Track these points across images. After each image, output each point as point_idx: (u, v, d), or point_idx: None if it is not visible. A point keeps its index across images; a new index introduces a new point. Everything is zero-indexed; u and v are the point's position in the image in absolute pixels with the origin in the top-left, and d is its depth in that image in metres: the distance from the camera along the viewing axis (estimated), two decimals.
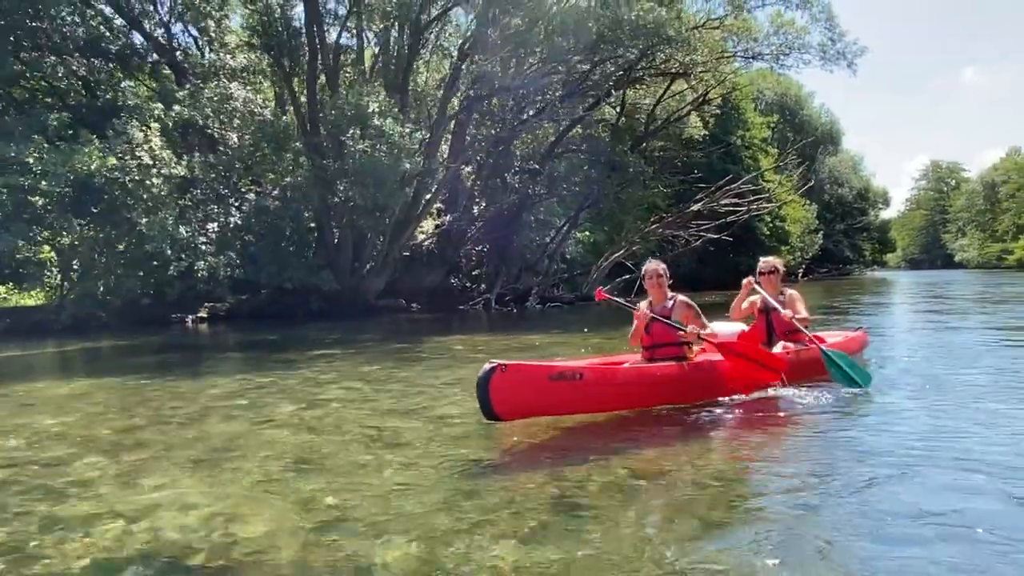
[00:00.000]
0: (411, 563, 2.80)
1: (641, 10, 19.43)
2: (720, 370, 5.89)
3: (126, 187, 16.51)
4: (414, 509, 3.39)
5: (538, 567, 2.76)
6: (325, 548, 2.96)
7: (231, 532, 3.18)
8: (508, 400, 4.81)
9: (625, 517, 3.22)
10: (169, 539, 3.15)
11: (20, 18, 15.78)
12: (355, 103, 17.09)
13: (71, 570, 2.87)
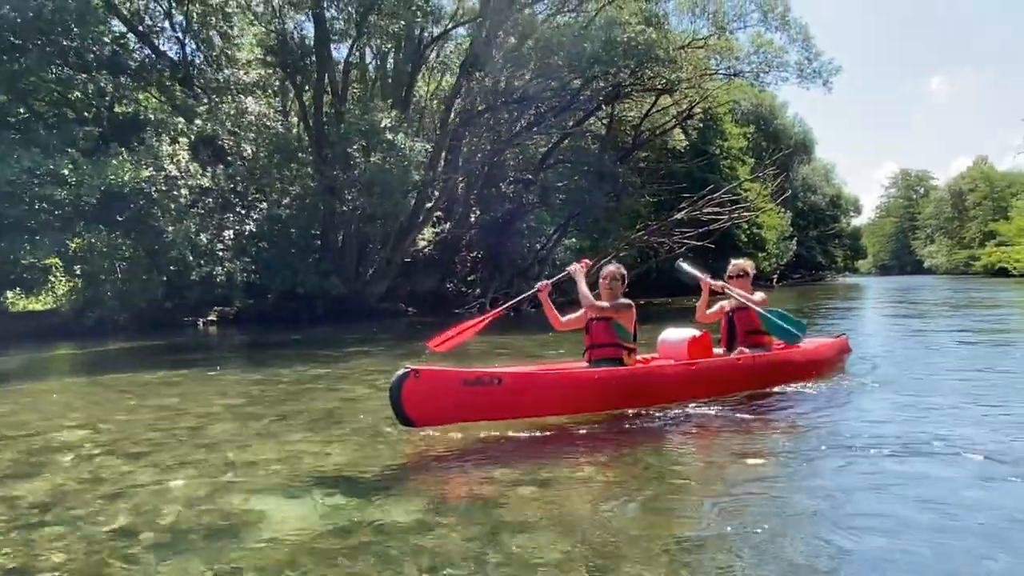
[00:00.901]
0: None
1: (633, 32, 20.78)
2: (659, 376, 5.83)
3: (151, 197, 17.57)
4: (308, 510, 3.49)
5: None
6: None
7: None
8: (421, 406, 4.78)
9: (539, 530, 3.13)
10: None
11: (56, 37, 16.74)
12: (369, 119, 18.20)
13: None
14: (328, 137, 21.55)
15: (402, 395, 4.69)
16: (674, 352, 6.31)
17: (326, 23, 20.63)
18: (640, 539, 3.04)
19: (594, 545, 2.99)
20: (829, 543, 2.94)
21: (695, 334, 6.30)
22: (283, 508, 3.57)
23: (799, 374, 6.62)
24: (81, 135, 17.16)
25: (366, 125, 18.40)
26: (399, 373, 4.71)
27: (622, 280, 6.06)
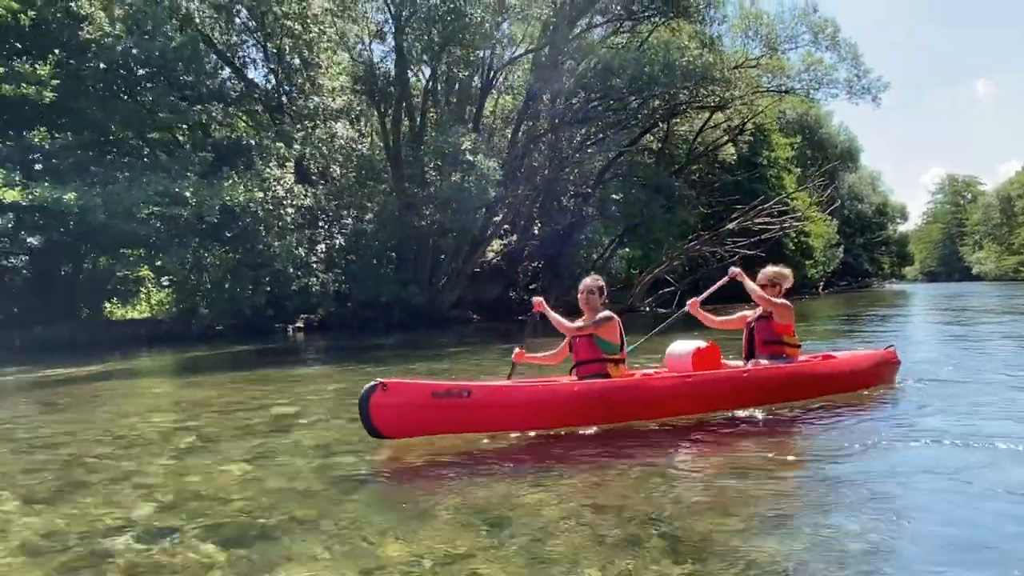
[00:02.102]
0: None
1: (691, 56, 22.28)
2: (646, 389, 5.60)
3: (258, 216, 19.52)
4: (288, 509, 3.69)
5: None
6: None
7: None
8: (390, 418, 4.80)
9: (504, 545, 3.11)
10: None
11: (175, 74, 18.79)
12: (453, 141, 19.95)
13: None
14: (407, 157, 23.39)
15: (370, 407, 4.73)
16: (679, 364, 6.02)
17: (406, 52, 22.48)
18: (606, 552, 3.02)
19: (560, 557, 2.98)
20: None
21: (701, 345, 6.00)
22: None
23: (826, 387, 6.23)
24: (196, 160, 19.17)
25: (449, 148, 20.12)
26: (367, 385, 4.76)
27: (599, 292, 5.82)
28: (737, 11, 26.85)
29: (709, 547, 3.04)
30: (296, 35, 21.62)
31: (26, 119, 16.76)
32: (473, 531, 3.29)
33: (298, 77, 22.69)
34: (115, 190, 16.47)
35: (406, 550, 3.09)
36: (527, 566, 2.91)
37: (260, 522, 3.52)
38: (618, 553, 3.01)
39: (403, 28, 21.06)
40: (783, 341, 6.21)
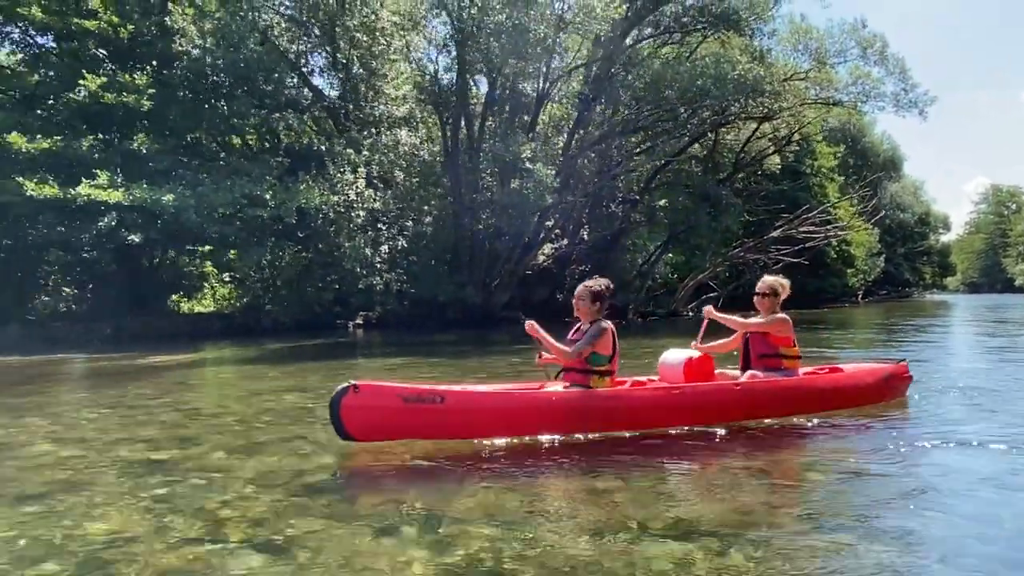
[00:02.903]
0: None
1: (743, 69, 23.09)
2: (628, 400, 5.46)
3: (329, 217, 20.73)
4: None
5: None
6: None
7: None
8: (361, 421, 4.77)
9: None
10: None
11: (256, 83, 20.09)
12: (514, 150, 20.99)
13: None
14: (465, 164, 24.49)
15: (341, 409, 4.70)
16: (671, 374, 5.92)
17: (468, 64, 23.56)
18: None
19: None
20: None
21: (693, 355, 5.91)
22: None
23: (829, 402, 6.04)
24: (274, 164, 20.46)
25: (510, 156, 21.16)
26: (339, 387, 4.73)
27: (593, 298, 5.56)
28: (787, 25, 27.54)
29: (687, 564, 2.97)
30: (364, 46, 22.83)
31: (126, 125, 18.15)
32: (435, 542, 3.21)
33: (363, 86, 23.90)
34: (204, 192, 17.78)
35: (361, 561, 3.03)
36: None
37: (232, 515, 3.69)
38: (588, 570, 2.93)
39: (465, 42, 22.15)
40: (780, 354, 5.97)
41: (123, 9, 18.57)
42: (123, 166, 17.53)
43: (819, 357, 10.42)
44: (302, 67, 23.78)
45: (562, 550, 3.12)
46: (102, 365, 12.37)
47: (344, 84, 23.88)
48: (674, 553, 3.08)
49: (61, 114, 17.85)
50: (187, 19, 18.63)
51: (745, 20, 27.00)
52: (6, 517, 3.70)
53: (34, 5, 17.14)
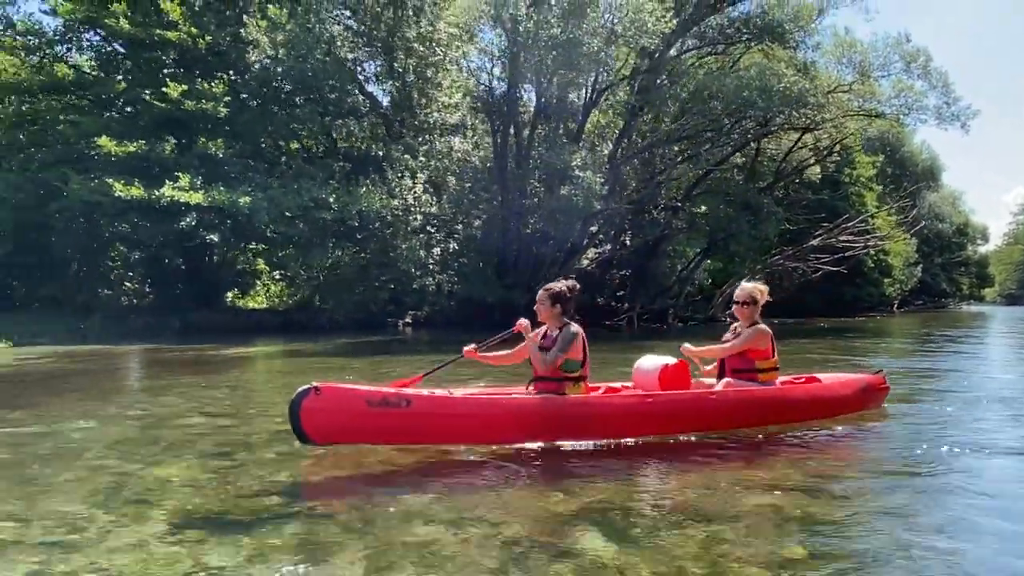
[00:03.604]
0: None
1: (788, 82, 23.69)
2: (600, 407, 5.36)
3: (387, 220, 21.69)
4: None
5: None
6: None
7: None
8: (321, 424, 4.66)
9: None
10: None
11: (322, 92, 21.13)
12: (565, 158, 21.82)
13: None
14: (514, 170, 25.36)
15: (301, 412, 4.59)
16: (646, 382, 5.80)
17: (519, 74, 24.43)
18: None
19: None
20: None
21: (669, 363, 5.76)
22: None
23: (804, 413, 5.98)
24: (336, 169, 21.48)
25: (560, 163, 21.99)
26: (300, 389, 4.61)
27: (554, 300, 5.44)
28: (831, 39, 28.03)
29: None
30: (420, 56, 23.79)
31: (203, 130, 19.27)
32: (397, 550, 3.15)
33: (418, 94, 24.86)
34: (274, 194, 18.83)
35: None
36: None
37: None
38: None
39: (519, 53, 23.01)
40: (755, 368, 5.87)
41: (201, 21, 19.68)
42: (200, 169, 18.61)
43: (846, 365, 10.96)
44: (360, 75, 24.81)
45: (524, 562, 3.05)
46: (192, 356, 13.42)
47: (399, 92, 24.87)
48: (642, 565, 3.02)
49: (144, 119, 18.99)
50: (260, 31, 19.68)
51: (790, 32, 27.56)
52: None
53: (121, 17, 18.28)
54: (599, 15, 22.46)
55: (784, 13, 27.95)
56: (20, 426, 6.04)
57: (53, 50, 20.00)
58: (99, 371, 11.25)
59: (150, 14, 19.06)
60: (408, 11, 22.60)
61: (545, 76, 23.75)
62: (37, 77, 18.81)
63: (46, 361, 12.58)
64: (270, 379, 10.07)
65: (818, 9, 28.34)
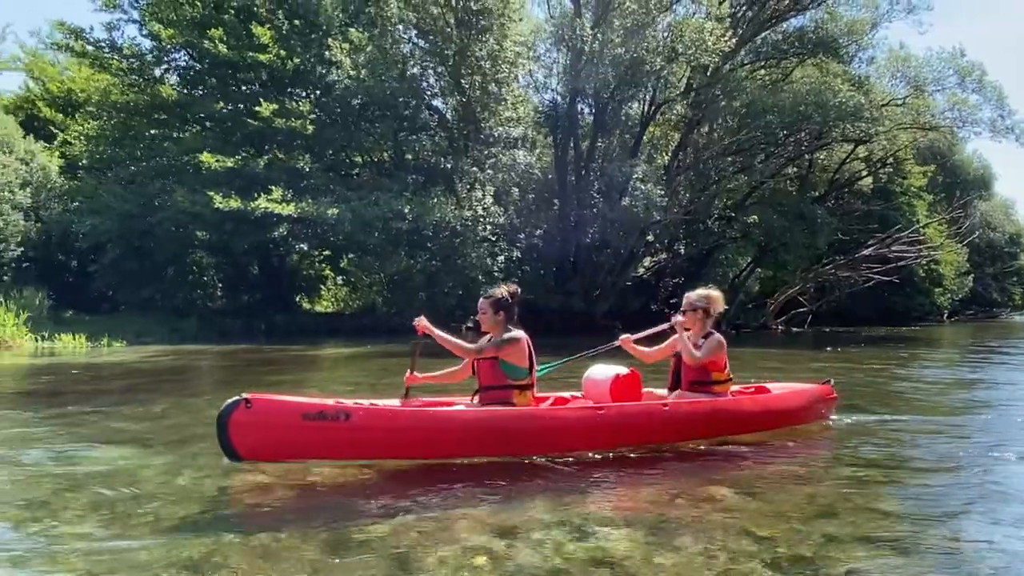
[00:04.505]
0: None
1: (844, 97, 24.40)
2: (549, 420, 5.20)
3: (456, 230, 22.88)
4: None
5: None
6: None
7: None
8: (251, 440, 4.39)
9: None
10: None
11: (397, 108, 22.44)
12: (627, 171, 22.82)
13: None
14: (574, 181, 26.42)
15: (229, 426, 4.32)
16: (596, 392, 5.68)
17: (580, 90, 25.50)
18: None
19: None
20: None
21: (621, 372, 5.65)
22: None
23: (756, 424, 5.95)
24: (410, 182, 22.75)
25: (623, 176, 23.00)
26: (228, 401, 4.36)
27: (497, 307, 5.31)
28: (885, 53, 28.62)
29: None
30: (486, 73, 24.98)
31: (290, 146, 20.68)
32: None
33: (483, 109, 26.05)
34: (356, 206, 20.14)
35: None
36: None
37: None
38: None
39: (581, 71, 24.07)
40: (711, 379, 5.78)
41: (288, 44, 21.11)
42: (289, 182, 19.99)
43: (887, 375, 11.48)
44: (430, 92, 26.10)
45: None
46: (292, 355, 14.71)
47: (466, 107, 26.09)
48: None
49: (237, 135, 20.47)
50: (343, 52, 21.03)
51: (844, 47, 28.24)
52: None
53: (218, 41, 19.76)
54: (660, 34, 23.44)
55: (838, 27, 28.65)
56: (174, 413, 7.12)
57: (152, 71, 21.62)
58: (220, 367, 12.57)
59: (242, 38, 20.50)
60: (477, 31, 23.79)
61: (606, 92, 24.78)
62: (142, 96, 20.42)
63: (167, 358, 13.98)
64: (382, 374, 11.19)
65: (871, 23, 29.00)
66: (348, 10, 22.49)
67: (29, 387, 10.25)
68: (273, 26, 20.80)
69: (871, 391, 9.49)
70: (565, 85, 25.85)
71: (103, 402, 8.03)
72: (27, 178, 21.82)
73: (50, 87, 27.31)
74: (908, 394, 9.33)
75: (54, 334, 16.56)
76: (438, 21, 23.85)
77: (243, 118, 19.97)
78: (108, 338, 16.64)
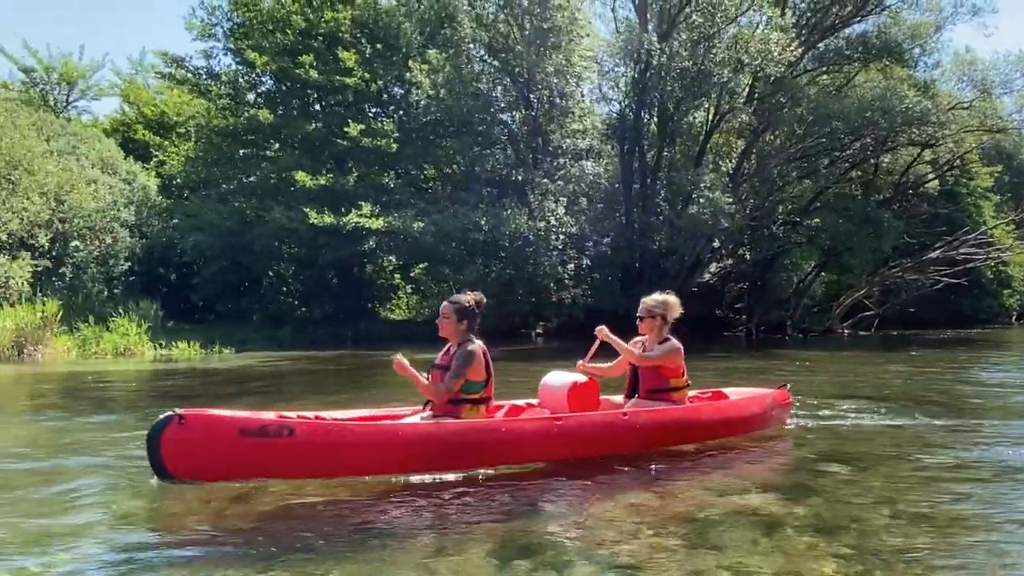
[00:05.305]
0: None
1: (911, 102, 24.68)
2: (500, 432, 4.99)
3: (529, 240, 23.84)
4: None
5: None
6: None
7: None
8: (185, 459, 4.14)
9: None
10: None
11: (473, 125, 23.55)
12: (696, 179, 23.52)
13: None
14: (640, 190, 27.19)
15: (161, 444, 4.07)
16: (552, 401, 5.59)
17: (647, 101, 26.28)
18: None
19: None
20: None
21: (578, 380, 5.54)
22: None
23: (713, 431, 5.92)
24: (485, 194, 23.80)
25: (690, 185, 23.70)
26: (160, 417, 4.10)
27: (456, 315, 5.08)
28: (951, 58, 28.72)
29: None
30: (555, 88, 25.93)
31: (376, 163, 21.94)
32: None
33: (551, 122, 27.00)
34: (439, 219, 21.27)
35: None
36: None
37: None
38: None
39: (648, 83, 24.87)
40: (669, 387, 5.69)
41: (371, 66, 22.37)
42: (375, 198, 21.22)
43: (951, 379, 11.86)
44: (502, 107, 27.17)
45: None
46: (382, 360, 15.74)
47: (534, 121, 27.09)
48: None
49: (326, 154, 21.80)
50: (423, 73, 22.20)
51: (908, 52, 28.42)
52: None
53: (308, 67, 21.10)
54: (725, 46, 24.06)
55: (901, 31, 28.84)
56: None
57: (245, 96, 23.14)
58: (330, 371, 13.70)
59: (329, 62, 21.81)
60: (547, 48, 24.74)
61: (672, 103, 25.51)
62: (239, 121, 21.92)
63: (281, 363, 15.20)
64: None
65: (935, 26, 29.14)
66: (425, 32, 23.68)
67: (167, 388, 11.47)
68: (357, 50, 22.07)
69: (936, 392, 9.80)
70: (632, 97, 26.65)
71: (249, 402, 8.79)
72: (130, 197, 23.43)
73: (144, 110, 29.15)
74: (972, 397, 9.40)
75: (169, 342, 17.97)
76: (508, 39, 24.91)
77: (332, 138, 21.27)
78: (219, 345, 18.01)
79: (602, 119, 27.71)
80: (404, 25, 23.28)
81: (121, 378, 13.02)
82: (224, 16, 22.49)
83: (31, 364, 15.37)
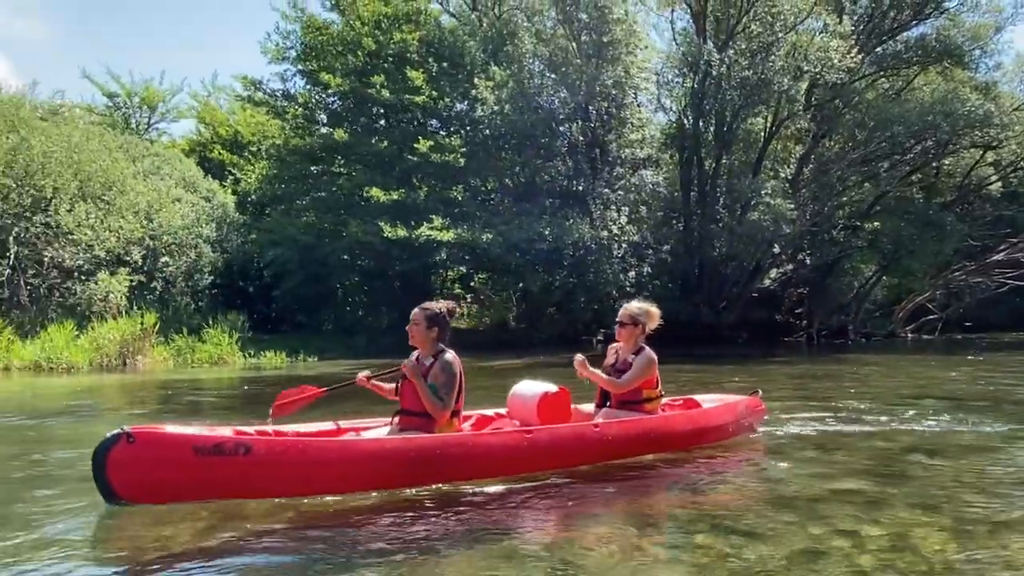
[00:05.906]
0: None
1: (974, 106, 24.64)
2: (466, 447, 4.86)
3: (591, 248, 24.42)
4: None
5: None
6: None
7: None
8: (134, 480, 3.91)
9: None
10: None
11: (536, 138, 24.30)
12: (756, 186, 23.86)
13: None
14: (700, 197, 27.57)
15: (107, 464, 3.84)
16: (522, 412, 5.51)
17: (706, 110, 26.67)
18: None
19: None
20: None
21: (549, 390, 5.46)
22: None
23: (687, 440, 5.91)
24: (547, 205, 24.49)
25: (751, 192, 24.04)
26: (107, 435, 3.88)
27: (427, 322, 4.96)
28: (1012, 58, 28.47)
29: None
30: (615, 100, 26.51)
31: (446, 178, 22.83)
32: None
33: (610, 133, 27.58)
34: (505, 230, 22.03)
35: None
36: None
37: None
38: None
39: (707, 92, 25.29)
40: (641, 397, 5.64)
41: (438, 84, 23.26)
42: (444, 211, 22.06)
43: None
44: (562, 119, 27.85)
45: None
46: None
47: (594, 132, 27.70)
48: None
49: (397, 170, 22.74)
50: (488, 89, 23.00)
51: (968, 54, 28.27)
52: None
53: (381, 87, 22.07)
54: (784, 53, 24.34)
55: (960, 33, 28.71)
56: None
57: (319, 115, 24.27)
58: None
59: (399, 81, 22.75)
60: (605, 61, 25.33)
61: (730, 111, 25.89)
62: (314, 140, 23.01)
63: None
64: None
65: (995, 27, 28.94)
66: (487, 50, 24.48)
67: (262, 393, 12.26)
68: (424, 69, 22.98)
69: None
70: (691, 107, 27.08)
71: (350, 407, 9.37)
72: (211, 214, 24.67)
73: (219, 131, 30.57)
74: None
75: (257, 352, 19.00)
76: (567, 54, 25.57)
77: (403, 154, 22.21)
78: (302, 354, 18.99)
79: (660, 128, 28.19)
80: (468, 43, 24.13)
81: (216, 385, 14.04)
82: (297, 40, 23.60)
83: (133, 373, 16.51)
